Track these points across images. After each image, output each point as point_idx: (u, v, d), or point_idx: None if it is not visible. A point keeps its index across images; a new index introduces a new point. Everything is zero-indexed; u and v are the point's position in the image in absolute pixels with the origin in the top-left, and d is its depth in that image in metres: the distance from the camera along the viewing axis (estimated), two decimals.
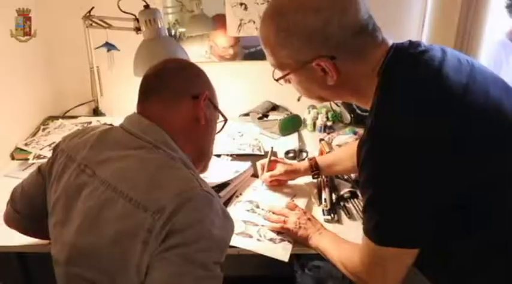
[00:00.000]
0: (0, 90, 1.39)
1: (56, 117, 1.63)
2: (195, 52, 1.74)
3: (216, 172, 1.23)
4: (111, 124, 0.91)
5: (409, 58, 0.73)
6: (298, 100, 0.92)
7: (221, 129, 0.92)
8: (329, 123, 1.58)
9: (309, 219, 1.04)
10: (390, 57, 0.73)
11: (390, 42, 0.77)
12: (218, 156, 1.38)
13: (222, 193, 1.14)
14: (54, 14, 1.51)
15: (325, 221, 1.08)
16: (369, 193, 0.70)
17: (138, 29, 1.14)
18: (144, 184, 0.67)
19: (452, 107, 0.68)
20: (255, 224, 1.07)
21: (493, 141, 0.69)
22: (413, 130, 0.66)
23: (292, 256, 0.98)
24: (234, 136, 1.55)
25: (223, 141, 1.50)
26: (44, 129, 1.53)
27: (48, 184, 0.81)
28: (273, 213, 1.10)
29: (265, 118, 1.63)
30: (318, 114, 1.60)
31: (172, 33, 1.63)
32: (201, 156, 0.86)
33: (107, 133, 0.79)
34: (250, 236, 1.02)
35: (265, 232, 1.04)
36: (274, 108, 1.69)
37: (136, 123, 0.78)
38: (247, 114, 1.69)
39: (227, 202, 1.15)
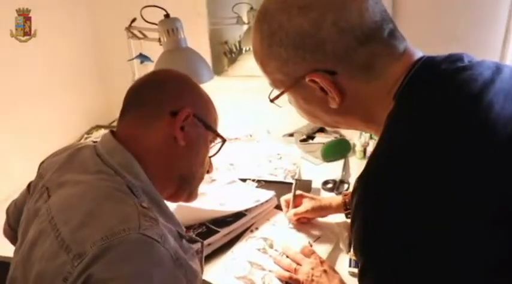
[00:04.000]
0: (47, 101, 1.43)
1: (103, 126, 1.66)
2: (252, 66, 1.65)
3: (233, 199, 1.10)
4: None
5: (438, 77, 0.53)
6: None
7: (217, 152, 0.79)
8: None
9: (324, 271, 0.84)
10: (412, 75, 0.54)
11: (418, 54, 0.57)
12: (244, 180, 1.24)
13: (234, 226, 1.00)
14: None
15: (350, 275, 0.88)
16: (360, 261, 0.51)
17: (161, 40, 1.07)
18: (77, 219, 0.56)
19: (489, 154, 0.46)
20: (262, 269, 0.90)
21: None
22: (420, 185, 0.46)
23: None
24: (272, 158, 1.40)
25: (257, 163, 1.36)
26: (86, 138, 1.55)
27: None
28: (287, 256, 0.92)
29: (310, 141, 1.45)
30: (370, 139, 1.38)
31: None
32: (184, 182, 0.73)
33: (78, 152, 0.71)
34: (252, 283, 0.86)
35: (270, 280, 0.87)
36: (322, 129, 1.50)
37: (105, 143, 0.68)
38: (291, 135, 1.53)
39: (239, 237, 1.01)
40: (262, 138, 1.57)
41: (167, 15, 1.03)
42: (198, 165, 0.75)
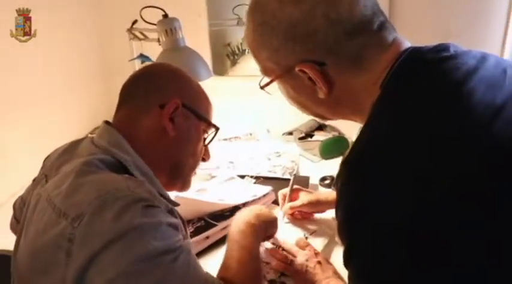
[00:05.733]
0: (48, 101, 1.45)
1: None
2: (253, 67, 1.68)
3: (230, 194, 1.12)
4: None
5: (424, 66, 0.55)
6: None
7: (211, 140, 0.82)
8: None
9: (319, 263, 0.86)
10: (399, 64, 0.56)
11: (405, 44, 0.59)
12: (242, 177, 1.26)
13: (231, 220, 1.02)
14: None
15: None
16: (345, 246, 0.53)
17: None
18: (67, 190, 0.59)
19: (467, 138, 0.47)
20: None
21: None
22: (407, 175, 0.48)
23: None
24: (271, 156, 1.42)
25: (256, 161, 1.38)
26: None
27: None
28: (282, 249, 0.94)
29: (308, 139, 1.47)
30: None
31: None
32: (175, 172, 0.76)
33: (77, 143, 0.74)
34: None
35: (266, 272, 0.89)
36: (321, 127, 1.52)
37: (99, 130, 0.72)
38: (291, 133, 1.55)
39: None
40: (262, 136, 1.59)
41: (166, 16, 1.06)
42: (190, 155, 0.77)
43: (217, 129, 0.80)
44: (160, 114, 0.71)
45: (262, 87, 0.67)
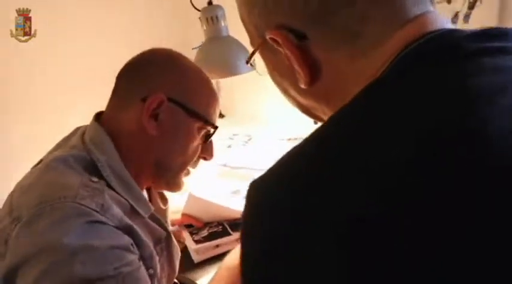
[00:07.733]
0: (55, 100, 1.42)
1: None
2: None
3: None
4: None
5: (453, 55, 0.33)
6: (315, 122, 0.57)
7: (206, 140, 0.72)
8: None
9: None
10: (412, 49, 0.35)
11: (439, 24, 0.37)
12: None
13: (224, 239, 0.91)
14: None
15: None
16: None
17: None
18: (24, 187, 0.58)
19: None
20: None
21: None
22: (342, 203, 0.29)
23: None
24: None
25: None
26: None
27: None
28: None
29: None
30: None
31: None
32: (159, 170, 0.68)
33: (76, 130, 0.72)
34: None
35: None
36: None
37: (89, 125, 0.69)
38: None
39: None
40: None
41: (210, 3, 0.99)
42: (177, 154, 0.68)
43: (215, 127, 0.70)
44: (142, 109, 0.64)
45: (247, 61, 0.49)
